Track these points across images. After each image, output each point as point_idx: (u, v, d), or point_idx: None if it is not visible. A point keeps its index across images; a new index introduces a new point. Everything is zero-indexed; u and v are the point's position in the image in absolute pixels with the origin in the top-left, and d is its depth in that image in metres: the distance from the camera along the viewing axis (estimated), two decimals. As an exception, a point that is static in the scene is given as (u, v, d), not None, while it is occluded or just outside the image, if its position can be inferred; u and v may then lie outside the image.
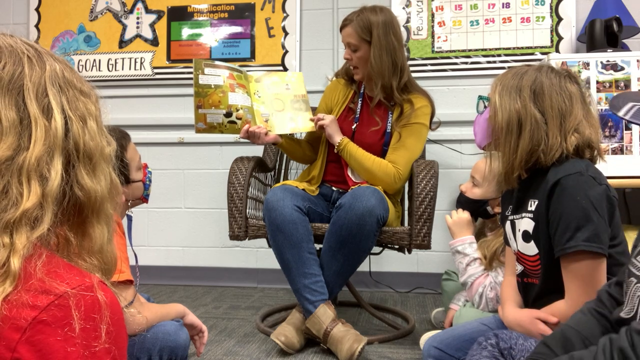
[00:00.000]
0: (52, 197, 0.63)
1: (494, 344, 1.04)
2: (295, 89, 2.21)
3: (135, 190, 1.46)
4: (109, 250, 0.72)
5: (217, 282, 2.99)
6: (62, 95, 0.68)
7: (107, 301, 0.61)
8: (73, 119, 0.67)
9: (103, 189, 0.70)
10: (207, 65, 2.01)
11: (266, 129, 2.03)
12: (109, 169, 0.72)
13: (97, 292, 0.61)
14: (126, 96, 3.06)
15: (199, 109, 1.97)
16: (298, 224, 1.85)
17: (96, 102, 0.74)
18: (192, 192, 3.04)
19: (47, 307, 0.57)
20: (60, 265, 0.62)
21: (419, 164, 2.03)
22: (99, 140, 0.71)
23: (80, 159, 0.67)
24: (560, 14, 2.72)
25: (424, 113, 2.06)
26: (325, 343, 1.82)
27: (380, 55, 2.00)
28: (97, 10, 3.11)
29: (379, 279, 2.82)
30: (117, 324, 0.62)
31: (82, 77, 0.74)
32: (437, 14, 2.83)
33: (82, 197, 0.67)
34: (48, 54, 0.70)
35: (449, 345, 1.31)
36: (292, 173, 2.58)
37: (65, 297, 0.58)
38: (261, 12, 2.97)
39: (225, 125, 2.00)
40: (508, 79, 1.26)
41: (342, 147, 2.04)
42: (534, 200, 1.22)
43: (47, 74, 0.67)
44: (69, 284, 0.60)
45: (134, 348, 1.25)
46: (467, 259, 1.70)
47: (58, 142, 0.65)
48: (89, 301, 0.60)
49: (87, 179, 0.68)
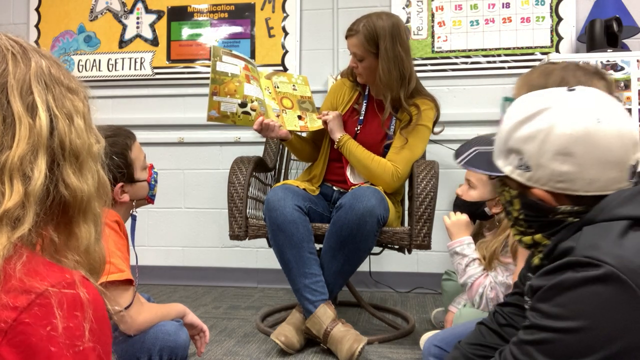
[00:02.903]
0: (35, 197, 0.62)
1: None
2: (301, 90, 2.22)
3: (139, 190, 1.45)
4: (97, 250, 0.71)
5: (217, 282, 2.99)
6: (48, 92, 0.66)
7: (89, 298, 0.60)
8: (59, 116, 0.66)
9: (90, 187, 0.68)
10: (225, 53, 1.98)
11: (279, 123, 2.02)
12: (97, 167, 0.71)
13: (79, 289, 0.60)
14: (126, 96, 3.07)
15: (214, 96, 1.91)
16: (299, 224, 1.85)
17: (84, 99, 0.72)
18: (192, 192, 3.04)
19: (28, 307, 0.56)
20: (40, 264, 0.61)
21: (419, 164, 2.03)
22: (87, 138, 0.69)
23: (66, 157, 0.66)
24: (560, 14, 2.72)
25: (427, 115, 2.06)
26: (325, 343, 1.82)
27: (388, 69, 1.97)
28: (97, 10, 3.11)
29: (379, 279, 2.83)
30: (101, 321, 0.61)
31: (70, 73, 0.72)
32: (437, 14, 2.83)
33: (67, 196, 0.66)
34: (34, 50, 0.68)
35: (449, 343, 1.31)
36: (292, 173, 2.58)
37: (47, 295, 0.57)
38: (261, 12, 2.98)
39: (239, 115, 1.95)
40: (534, 78, 1.24)
41: (342, 144, 2.04)
42: None
43: (32, 71, 0.65)
44: (49, 281, 0.58)
45: (134, 348, 1.25)
46: (466, 259, 1.69)
47: (43, 141, 0.63)
48: (70, 298, 0.59)
49: (73, 178, 0.66)
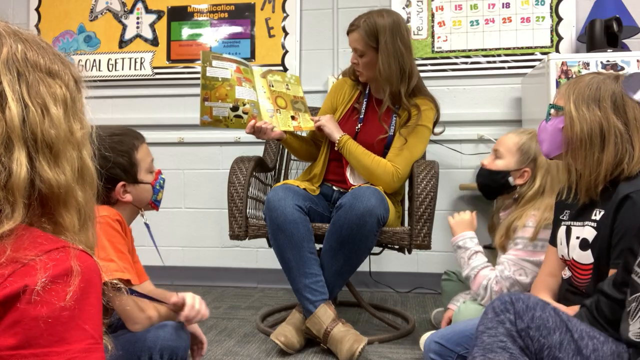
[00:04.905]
0: (20, 191, 0.60)
1: (512, 320, 0.99)
2: (294, 90, 2.22)
3: (142, 192, 1.46)
4: (83, 240, 0.68)
5: (217, 282, 2.99)
6: (21, 80, 0.63)
7: (80, 268, 0.59)
8: (30, 106, 0.62)
9: (67, 178, 0.65)
10: (215, 58, 1.99)
11: (272, 125, 2.02)
12: (79, 154, 0.67)
13: (71, 258, 0.59)
14: (126, 96, 3.06)
15: (205, 102, 1.94)
16: (299, 224, 1.85)
17: (70, 81, 0.68)
18: (192, 192, 3.04)
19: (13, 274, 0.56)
20: (35, 237, 0.60)
21: (419, 164, 2.03)
22: (65, 125, 0.65)
23: (39, 149, 0.63)
24: (560, 14, 2.73)
25: (427, 116, 2.06)
26: (325, 343, 1.82)
27: (388, 63, 1.99)
28: (97, 10, 3.11)
29: (379, 279, 2.83)
30: (89, 291, 0.60)
31: (58, 53, 0.68)
32: (437, 14, 2.83)
33: (44, 189, 0.63)
34: (12, 33, 0.64)
35: (449, 340, 1.32)
36: (293, 173, 2.58)
37: (32, 263, 0.57)
38: (261, 12, 2.98)
39: (231, 119, 1.97)
40: (582, 88, 1.23)
41: (342, 144, 2.05)
42: (600, 210, 1.21)
43: (2, 59, 0.62)
44: (39, 250, 0.58)
45: (135, 346, 1.25)
46: (468, 252, 1.70)
47: (16, 132, 0.60)
48: (58, 263, 0.58)
49: (47, 170, 0.63)
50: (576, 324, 0.99)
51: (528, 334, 0.98)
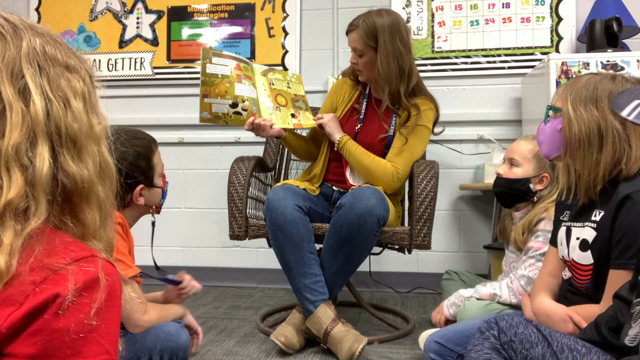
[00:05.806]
0: (42, 186, 0.59)
1: (496, 335, 1.03)
2: (295, 88, 2.22)
3: (154, 196, 1.47)
4: (103, 235, 0.68)
5: (217, 282, 2.99)
6: (42, 74, 0.62)
7: (107, 282, 0.59)
8: (53, 100, 0.62)
9: (90, 172, 0.64)
10: (215, 55, 1.99)
11: (271, 122, 2.02)
12: (99, 149, 0.67)
13: (99, 270, 0.59)
14: (126, 96, 3.07)
15: (205, 98, 1.93)
16: (299, 224, 1.85)
17: (86, 76, 0.68)
18: (192, 192, 3.04)
19: (43, 281, 0.55)
20: (63, 242, 0.59)
21: (419, 164, 2.03)
22: (86, 120, 0.65)
23: (63, 143, 0.62)
24: (560, 14, 2.73)
25: (427, 116, 2.06)
26: (325, 343, 1.82)
27: (387, 62, 1.99)
28: (97, 10, 3.11)
29: (379, 279, 2.83)
30: (112, 305, 0.60)
31: (71, 49, 0.68)
32: (437, 14, 2.83)
33: (68, 184, 0.63)
34: (29, 27, 0.64)
35: (449, 339, 1.32)
36: (293, 173, 2.58)
37: (63, 272, 0.56)
38: (261, 12, 2.98)
39: (231, 115, 1.97)
40: (579, 88, 1.23)
41: (342, 145, 2.05)
42: (600, 210, 1.20)
43: (23, 52, 0.61)
44: (69, 258, 0.57)
45: (135, 347, 1.26)
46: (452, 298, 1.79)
47: (40, 127, 0.60)
48: (87, 276, 0.57)
49: (72, 164, 0.63)
50: (558, 338, 1.01)
51: (511, 346, 1.01)
